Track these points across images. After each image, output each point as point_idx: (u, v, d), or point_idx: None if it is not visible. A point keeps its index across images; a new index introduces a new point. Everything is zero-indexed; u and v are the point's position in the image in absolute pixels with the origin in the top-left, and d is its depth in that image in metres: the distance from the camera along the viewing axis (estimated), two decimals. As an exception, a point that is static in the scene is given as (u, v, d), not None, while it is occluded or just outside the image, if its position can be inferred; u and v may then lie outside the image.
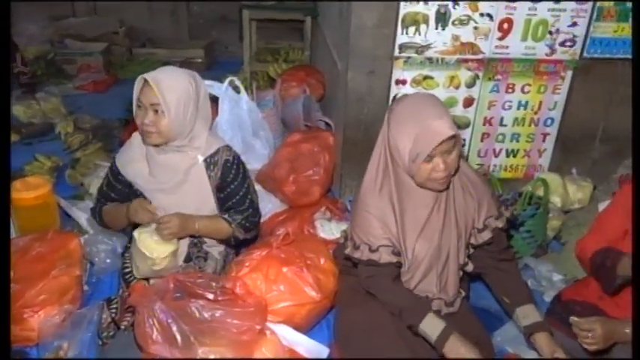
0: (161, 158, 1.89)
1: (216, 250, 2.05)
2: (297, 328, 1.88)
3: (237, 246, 2.12)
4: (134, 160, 1.93)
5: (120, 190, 1.98)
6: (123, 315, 1.80)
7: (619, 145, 2.67)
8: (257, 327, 1.65)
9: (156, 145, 1.85)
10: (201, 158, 1.92)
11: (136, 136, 1.95)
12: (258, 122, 2.78)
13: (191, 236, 1.96)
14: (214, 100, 2.64)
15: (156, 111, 1.78)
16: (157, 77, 1.77)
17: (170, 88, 1.77)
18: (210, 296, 1.75)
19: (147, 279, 1.91)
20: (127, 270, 1.96)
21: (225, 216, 1.96)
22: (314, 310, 1.91)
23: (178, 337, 1.58)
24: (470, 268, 1.78)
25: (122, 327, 1.77)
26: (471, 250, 1.79)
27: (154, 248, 1.82)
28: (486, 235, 1.75)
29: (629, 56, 2.47)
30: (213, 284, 1.78)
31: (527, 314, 1.73)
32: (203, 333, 1.60)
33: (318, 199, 2.57)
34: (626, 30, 2.43)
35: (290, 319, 1.87)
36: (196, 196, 1.93)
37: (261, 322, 1.67)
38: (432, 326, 1.60)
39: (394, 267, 1.69)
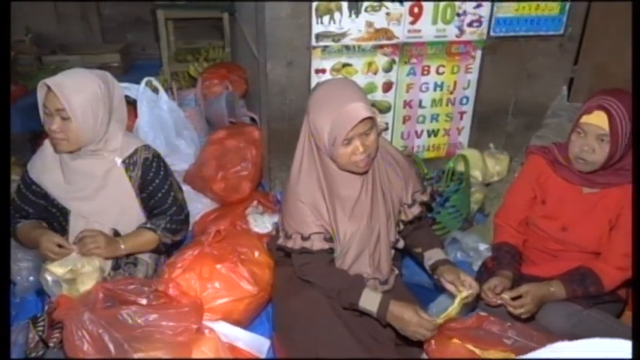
0: (76, 164, 1.81)
1: (146, 254, 2.00)
2: (237, 323, 1.87)
3: (167, 251, 2.07)
4: (48, 169, 1.84)
5: (34, 203, 1.88)
6: (51, 332, 1.72)
7: (530, 119, 2.84)
8: (193, 326, 1.62)
9: (69, 152, 1.78)
10: (119, 160, 1.86)
11: (47, 144, 1.86)
12: (180, 122, 2.73)
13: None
14: (132, 103, 2.57)
15: (63, 117, 1.70)
16: (59, 82, 1.69)
17: (75, 91, 1.69)
18: (144, 301, 1.70)
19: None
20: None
21: (148, 225, 1.90)
22: (252, 303, 1.91)
23: (111, 347, 1.52)
24: (401, 244, 1.84)
25: (51, 344, 1.69)
26: (402, 227, 1.84)
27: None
28: (416, 210, 1.81)
29: (532, 33, 2.62)
30: (146, 289, 1.74)
31: (432, 255, 1.82)
32: (137, 339, 1.55)
33: (249, 194, 2.55)
34: (526, 9, 2.57)
35: (228, 316, 1.85)
36: (118, 200, 1.87)
37: (197, 322, 1.64)
38: (370, 300, 1.63)
39: (327, 253, 1.71)
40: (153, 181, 1.91)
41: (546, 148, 1.93)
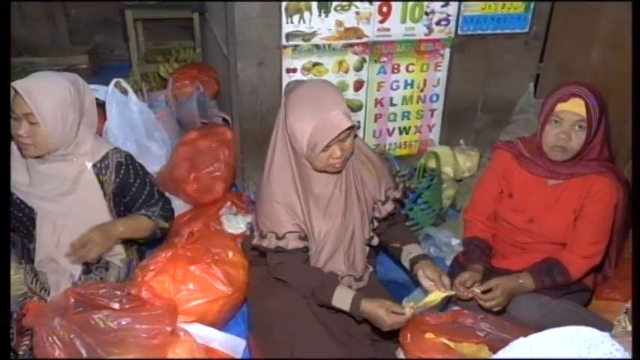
0: (43, 168, 1.78)
1: (117, 258, 1.97)
2: (212, 324, 1.86)
3: (158, 240, 2.08)
4: (13, 170, 1.80)
5: None
6: (20, 339, 1.69)
7: (498, 115, 2.89)
8: (167, 329, 1.61)
9: (37, 157, 1.74)
10: (89, 164, 1.84)
11: (14, 147, 1.82)
12: (151, 123, 2.70)
13: None
14: (101, 105, 2.53)
15: (31, 121, 1.67)
16: (27, 85, 1.66)
17: (44, 95, 1.66)
18: (116, 305, 1.69)
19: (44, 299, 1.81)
20: (21, 292, 1.84)
21: (142, 212, 1.93)
22: (227, 304, 1.90)
23: (83, 352, 1.50)
24: (375, 241, 1.86)
25: (20, 352, 1.66)
26: (376, 224, 1.86)
27: None
28: (389, 207, 1.84)
29: (498, 31, 2.67)
30: (118, 293, 1.72)
31: (411, 250, 1.85)
32: (110, 343, 1.54)
33: (222, 195, 2.54)
34: (492, 7, 2.62)
35: (203, 317, 1.84)
36: (87, 205, 1.84)
37: (171, 324, 1.63)
38: (342, 298, 1.65)
39: (302, 252, 1.72)
40: (133, 184, 1.91)
41: (511, 142, 1.98)
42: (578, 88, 1.71)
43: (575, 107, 1.70)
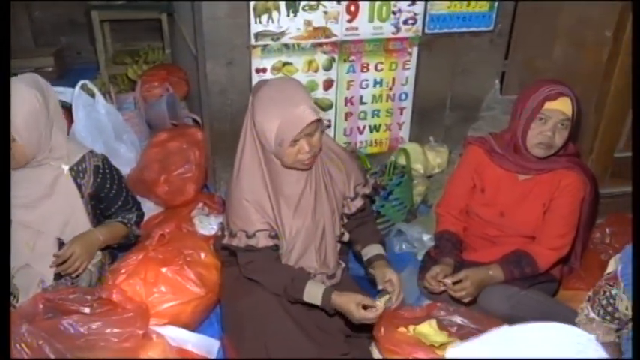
0: (21, 174, 1.75)
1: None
2: (186, 326, 1.85)
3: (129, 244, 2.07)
4: None
5: None
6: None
7: (466, 112, 2.94)
8: (139, 332, 1.60)
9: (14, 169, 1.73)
10: (66, 168, 1.82)
11: None
12: (120, 125, 2.67)
13: None
14: (68, 107, 2.49)
15: None
16: None
17: (14, 111, 1.63)
18: (87, 310, 1.67)
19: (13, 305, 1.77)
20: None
21: (119, 219, 1.97)
22: (200, 305, 1.90)
23: (53, 358, 1.48)
24: (346, 237, 1.87)
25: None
26: (346, 220, 1.87)
27: None
28: (359, 203, 1.85)
29: (464, 29, 2.72)
30: (88, 297, 1.71)
31: (369, 251, 1.85)
32: (81, 348, 1.52)
33: (194, 197, 2.53)
34: (457, 6, 2.66)
35: (176, 319, 1.83)
36: (64, 209, 1.82)
37: (143, 327, 1.62)
38: (313, 293, 1.66)
39: (272, 250, 1.72)
40: (111, 190, 1.91)
41: (483, 138, 2.02)
42: (563, 87, 1.75)
43: (562, 106, 1.74)
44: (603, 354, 0.90)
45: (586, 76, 2.37)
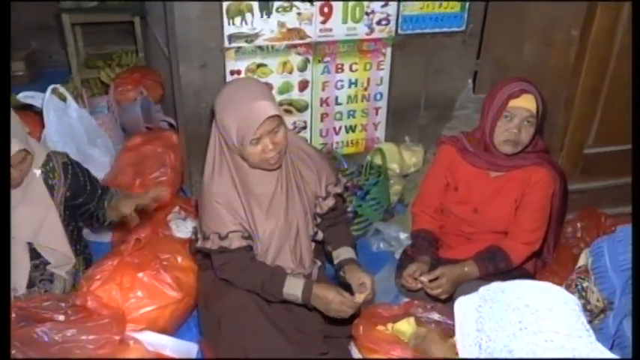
0: None
1: (63, 269, 1.92)
2: (164, 330, 1.84)
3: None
4: None
5: None
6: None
7: (440, 111, 2.97)
8: (116, 338, 1.58)
9: None
10: (38, 171, 1.80)
11: None
12: (93, 130, 2.63)
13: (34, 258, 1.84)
14: (39, 112, 2.46)
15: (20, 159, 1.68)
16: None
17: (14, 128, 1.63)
18: (61, 317, 1.65)
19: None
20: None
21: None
22: (177, 309, 1.89)
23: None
24: (320, 236, 1.87)
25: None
26: (318, 220, 1.87)
27: None
28: (330, 202, 1.85)
29: (437, 30, 2.75)
30: (63, 304, 1.69)
31: (340, 254, 1.85)
32: (55, 356, 1.49)
33: (170, 200, 2.50)
34: (430, 7, 2.70)
35: (154, 324, 1.82)
36: (37, 213, 1.81)
37: (119, 333, 1.61)
38: (293, 288, 1.66)
39: (246, 251, 1.72)
40: (85, 185, 1.93)
41: (455, 137, 2.05)
42: (527, 85, 1.79)
43: (527, 103, 1.77)
44: (583, 318, 0.96)
45: (555, 74, 2.42)
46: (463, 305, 1.09)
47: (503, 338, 0.93)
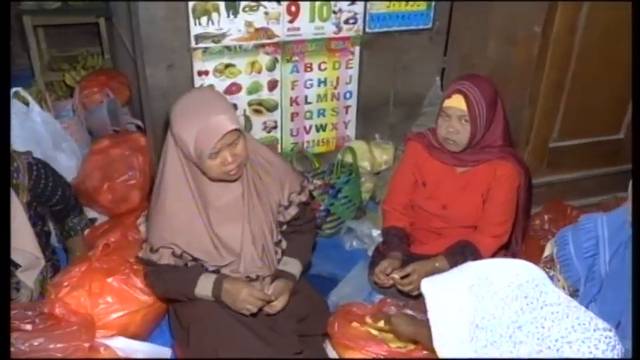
0: None
1: (32, 274, 1.87)
2: (136, 336, 1.82)
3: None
4: None
5: None
6: None
7: (409, 108, 3.00)
8: (85, 345, 1.55)
9: None
10: None
11: None
12: (58, 134, 2.57)
13: None
14: None
15: None
16: None
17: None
18: (28, 327, 1.61)
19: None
20: None
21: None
22: (149, 314, 1.86)
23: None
24: (284, 245, 1.84)
25: None
26: (284, 227, 1.84)
27: None
28: (293, 211, 1.81)
29: (404, 28, 2.78)
30: (29, 313, 1.65)
31: (287, 263, 1.81)
32: (22, 367, 1.46)
33: (139, 203, 2.47)
34: (396, 6, 2.72)
35: (125, 330, 1.79)
36: None
37: (89, 339, 1.57)
38: (204, 287, 1.64)
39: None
40: (55, 186, 1.93)
41: (421, 134, 2.07)
42: (462, 85, 1.83)
43: (457, 103, 1.83)
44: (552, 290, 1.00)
45: (520, 70, 2.46)
46: (439, 285, 1.11)
47: (510, 314, 0.96)
